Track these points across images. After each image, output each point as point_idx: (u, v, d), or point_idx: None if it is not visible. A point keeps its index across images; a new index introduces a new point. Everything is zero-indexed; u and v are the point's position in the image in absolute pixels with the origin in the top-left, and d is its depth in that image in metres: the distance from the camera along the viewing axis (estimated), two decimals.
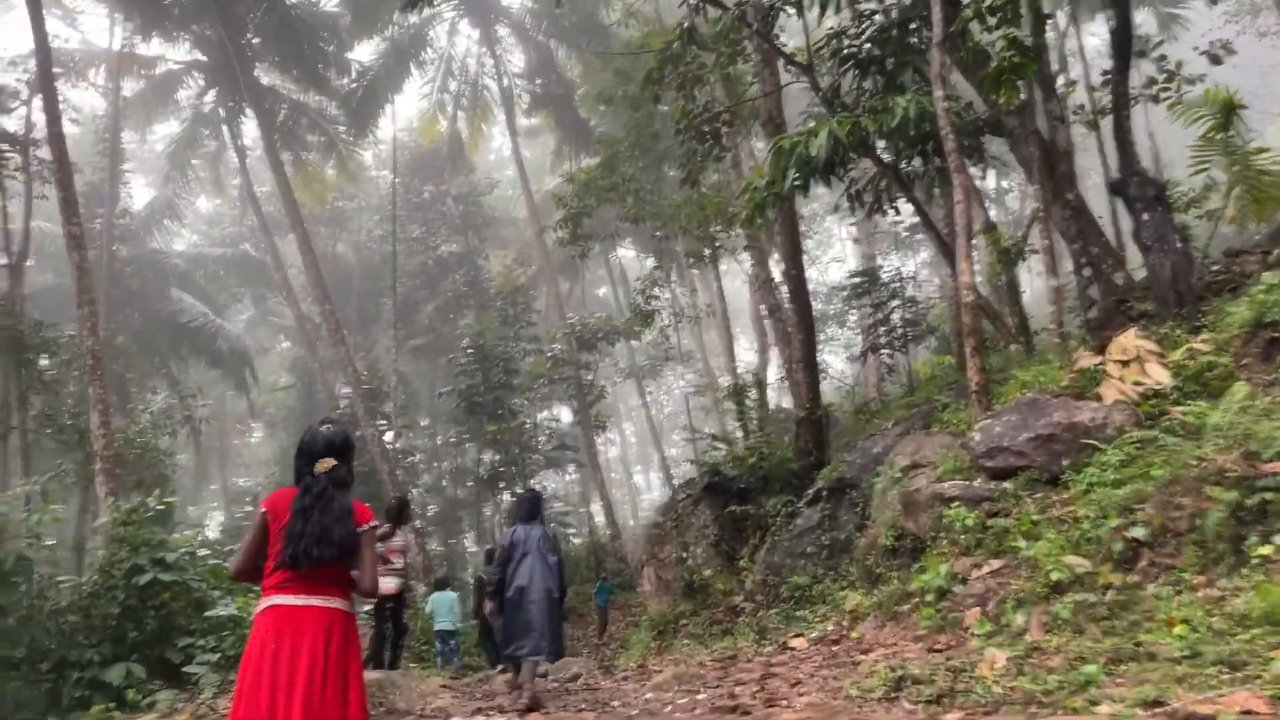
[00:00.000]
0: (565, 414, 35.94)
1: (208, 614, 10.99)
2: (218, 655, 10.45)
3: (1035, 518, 7.10)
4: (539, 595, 7.64)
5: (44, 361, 16.87)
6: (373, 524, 3.75)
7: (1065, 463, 7.56)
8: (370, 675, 6.77)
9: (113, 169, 26.00)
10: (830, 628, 8.60)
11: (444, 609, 13.87)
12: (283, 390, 39.52)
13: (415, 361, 38.43)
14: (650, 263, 26.47)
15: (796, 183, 10.89)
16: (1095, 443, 7.40)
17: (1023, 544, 6.88)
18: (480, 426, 23.58)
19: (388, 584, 7.96)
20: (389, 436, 25.73)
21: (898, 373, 19.69)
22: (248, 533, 3.86)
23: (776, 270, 19.30)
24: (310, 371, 31.39)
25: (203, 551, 12.86)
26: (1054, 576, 6.18)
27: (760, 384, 17.02)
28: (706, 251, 20.60)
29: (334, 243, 38.37)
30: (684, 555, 13.12)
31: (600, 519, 31.76)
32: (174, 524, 28.09)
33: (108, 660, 10.69)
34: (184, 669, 10.50)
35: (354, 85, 29.58)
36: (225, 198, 33.88)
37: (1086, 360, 8.63)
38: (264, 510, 3.78)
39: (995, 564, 7.00)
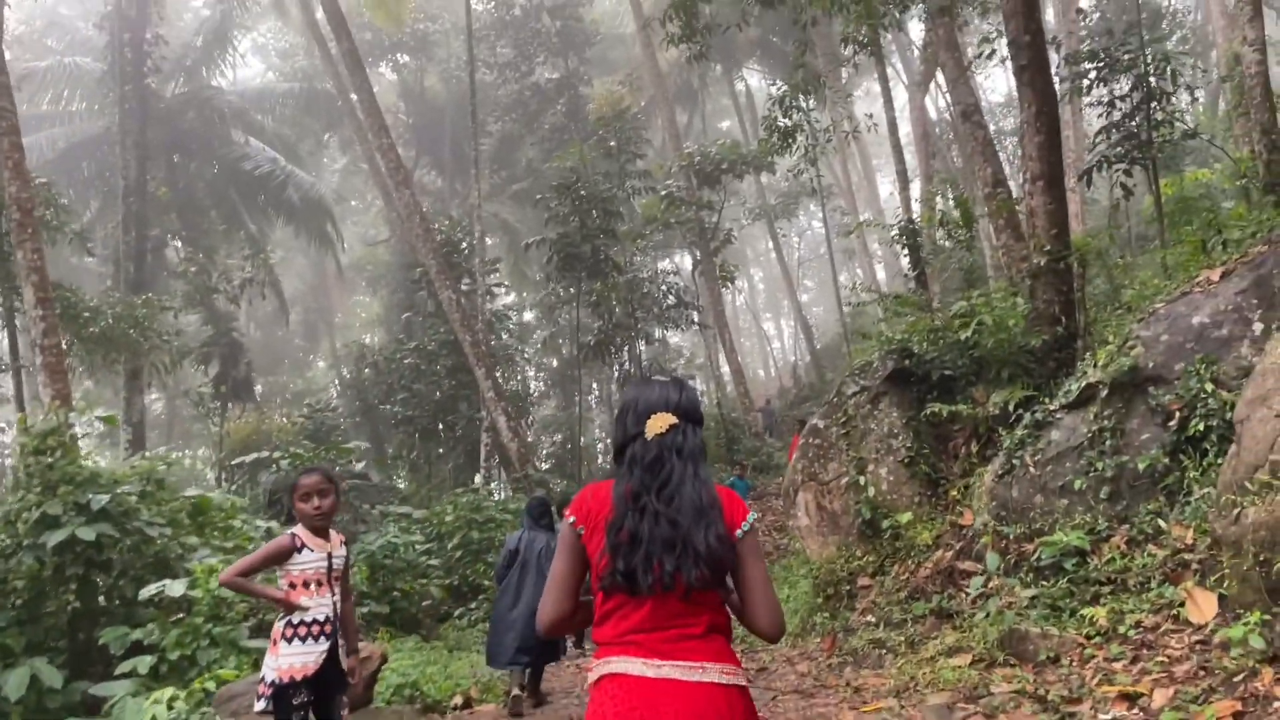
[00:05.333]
0: (686, 262, 31.55)
1: (146, 591, 7.29)
2: (151, 659, 6.80)
3: None
4: (525, 613, 7.35)
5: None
6: (752, 519, 2.39)
7: None
8: None
9: None
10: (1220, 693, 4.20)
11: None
12: (381, 244, 36.43)
13: (519, 208, 34.39)
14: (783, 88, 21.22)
15: None
16: None
17: None
18: (580, 282, 19.36)
19: None
20: (492, 298, 21.84)
21: (1134, 197, 14.40)
22: (556, 556, 2.43)
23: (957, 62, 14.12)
24: (396, 223, 27.68)
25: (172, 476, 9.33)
26: None
27: (966, 213, 11.73)
28: (862, 42, 15.28)
29: (421, 74, 33.99)
30: (860, 478, 8.77)
31: (729, 383, 27.65)
32: (287, 400, 25.41)
33: (11, 654, 7.22)
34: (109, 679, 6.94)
35: None
36: (291, 23, 29.67)
37: None
38: (571, 518, 2.42)
39: None
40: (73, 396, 13.19)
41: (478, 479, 19.83)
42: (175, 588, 7.13)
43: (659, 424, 2.44)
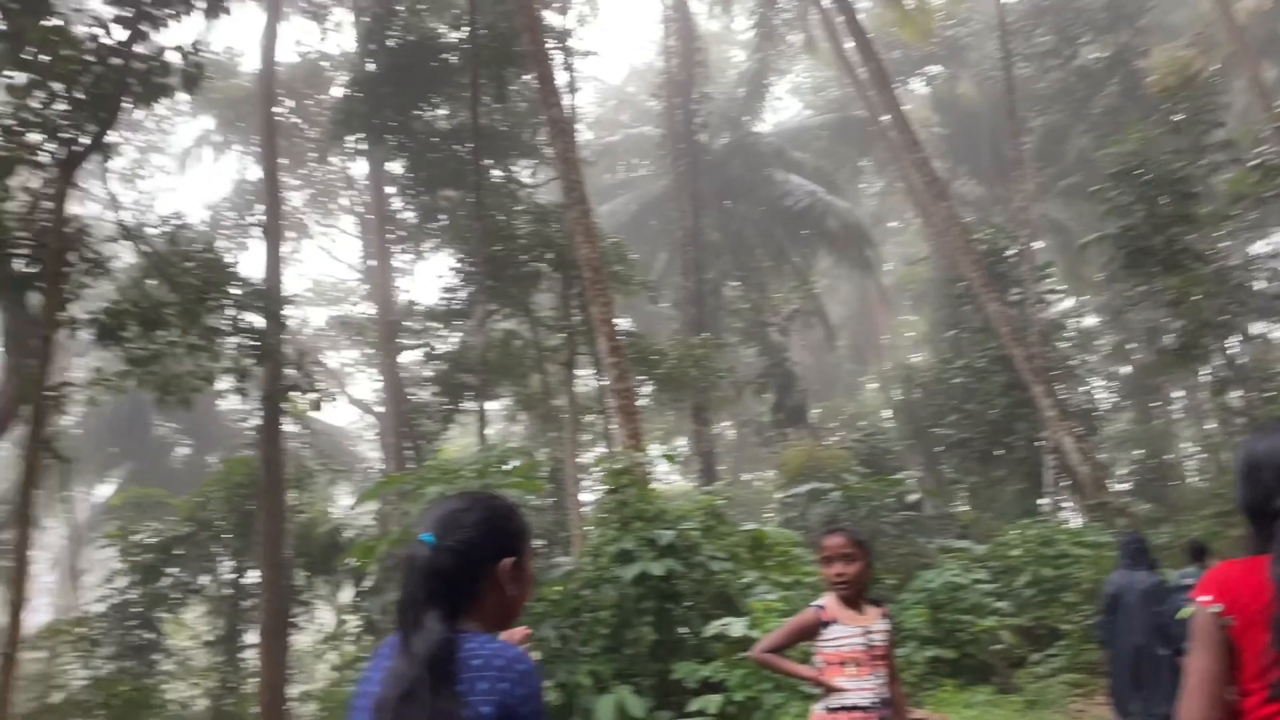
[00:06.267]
0: None
1: (709, 629, 7.53)
2: (720, 699, 6.97)
3: None
4: (1131, 655, 6.69)
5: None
6: None
7: None
8: None
9: (684, 49, 24.02)
10: None
11: None
12: (921, 262, 35.92)
13: (1070, 205, 31.58)
14: None
15: None
16: None
17: None
18: (1151, 279, 16.84)
19: None
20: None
21: None
22: (1194, 653, 2.13)
23: None
24: (934, 239, 26.93)
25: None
26: None
27: None
28: None
29: (953, 82, 32.91)
30: None
31: None
32: (810, 420, 26.31)
33: (603, 680, 7.90)
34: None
35: None
36: (821, 58, 30.65)
37: None
38: (1215, 606, 2.09)
39: None
40: (646, 434, 14.56)
41: (1043, 503, 18.20)
42: (736, 627, 7.25)
43: None
